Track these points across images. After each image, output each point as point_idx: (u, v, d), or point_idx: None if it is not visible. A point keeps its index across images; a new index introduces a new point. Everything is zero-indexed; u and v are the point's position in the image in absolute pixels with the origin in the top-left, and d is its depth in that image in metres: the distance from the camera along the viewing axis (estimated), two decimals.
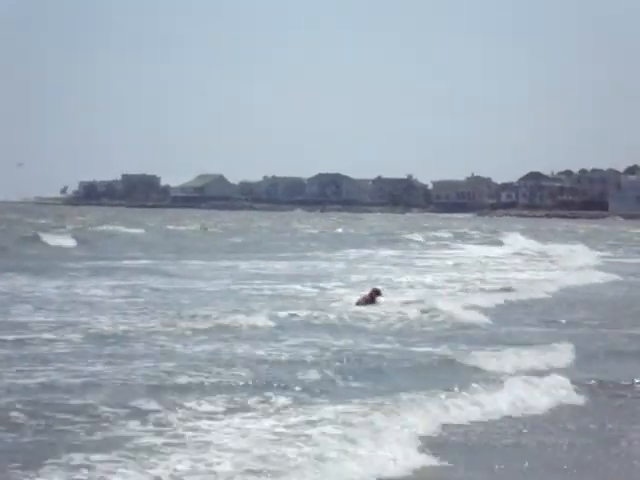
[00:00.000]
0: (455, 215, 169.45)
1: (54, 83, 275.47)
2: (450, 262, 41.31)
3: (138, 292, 24.62)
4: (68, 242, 46.55)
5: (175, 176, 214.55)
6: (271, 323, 18.78)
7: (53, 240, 46.64)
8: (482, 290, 27.79)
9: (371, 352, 15.77)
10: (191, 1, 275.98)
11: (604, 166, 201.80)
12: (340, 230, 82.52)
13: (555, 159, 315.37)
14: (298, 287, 27.30)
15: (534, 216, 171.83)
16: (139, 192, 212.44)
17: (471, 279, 31.64)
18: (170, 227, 75.24)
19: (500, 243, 62.55)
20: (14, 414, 10.69)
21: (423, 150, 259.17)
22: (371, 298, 22.73)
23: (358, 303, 22.55)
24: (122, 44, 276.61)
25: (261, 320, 18.92)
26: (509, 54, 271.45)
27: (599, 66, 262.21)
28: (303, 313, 20.36)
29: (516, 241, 63.34)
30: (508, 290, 27.47)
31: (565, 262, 42.84)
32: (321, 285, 28.04)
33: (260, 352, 15.32)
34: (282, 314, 20.04)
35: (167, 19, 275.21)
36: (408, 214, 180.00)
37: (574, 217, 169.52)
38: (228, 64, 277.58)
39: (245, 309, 20.94)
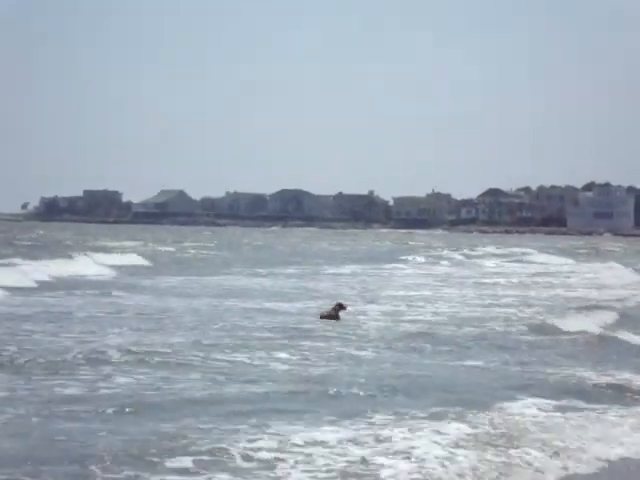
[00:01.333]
0: (416, 231, 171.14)
1: (12, 97, 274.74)
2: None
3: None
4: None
5: (137, 192, 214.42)
6: None
7: None
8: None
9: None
10: (142, 24, 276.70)
11: (562, 183, 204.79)
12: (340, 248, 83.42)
13: (514, 176, 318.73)
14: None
15: (494, 232, 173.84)
16: (101, 208, 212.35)
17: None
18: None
19: (529, 261, 63.48)
20: None
21: (384, 166, 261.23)
22: (335, 312, 23.16)
23: (322, 316, 23.21)
24: (81, 58, 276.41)
25: None
26: (468, 71, 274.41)
27: (557, 82, 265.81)
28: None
29: (547, 258, 65.28)
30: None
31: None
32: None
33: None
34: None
35: (125, 39, 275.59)
36: (369, 230, 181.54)
37: (533, 233, 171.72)
38: (188, 79, 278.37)
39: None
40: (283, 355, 16.81)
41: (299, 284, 36.73)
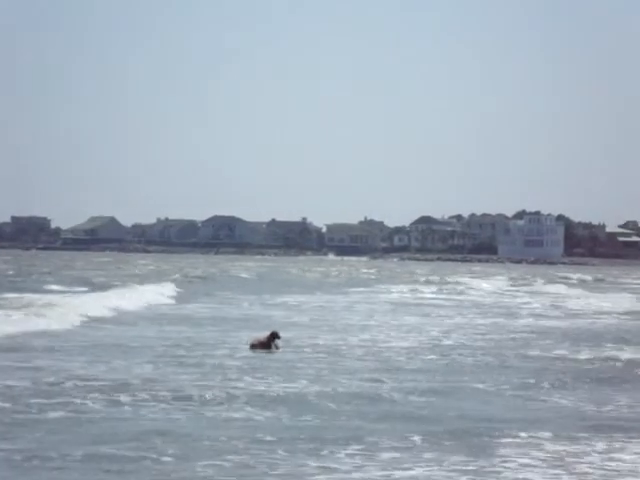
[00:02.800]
0: (349, 258, 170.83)
1: None
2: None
3: None
4: None
5: (66, 218, 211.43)
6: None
7: None
8: None
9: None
10: (82, 47, 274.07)
11: (493, 211, 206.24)
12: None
13: (446, 204, 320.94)
14: None
15: (426, 259, 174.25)
16: (28, 234, 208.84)
17: None
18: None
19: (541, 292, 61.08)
20: None
21: (318, 193, 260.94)
22: (267, 342, 22.01)
23: (253, 346, 21.93)
24: (16, 83, 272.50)
25: None
26: (397, 102, 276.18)
27: (486, 112, 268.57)
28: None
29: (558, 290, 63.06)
30: None
31: None
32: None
33: None
34: None
35: (60, 64, 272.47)
36: (301, 257, 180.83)
37: (465, 261, 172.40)
38: (116, 104, 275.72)
39: None
40: None
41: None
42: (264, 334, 22.54)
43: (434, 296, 52.03)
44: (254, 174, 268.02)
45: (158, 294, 42.81)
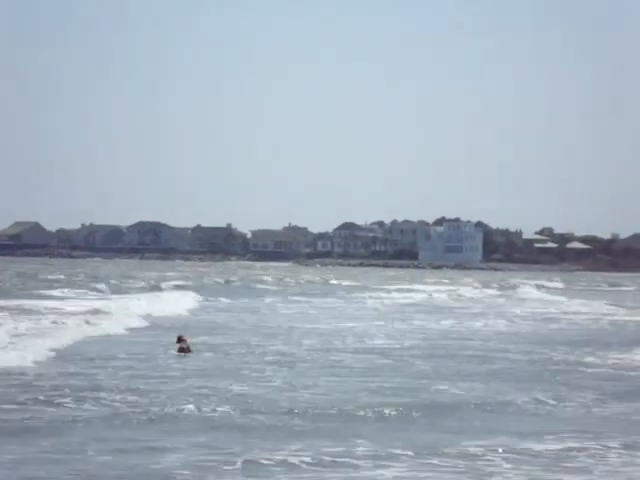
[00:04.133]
0: (272, 263, 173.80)
1: None
2: None
3: None
4: None
5: None
6: None
7: None
8: None
9: None
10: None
11: (414, 218, 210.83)
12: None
13: (369, 210, 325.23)
14: None
15: (349, 265, 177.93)
16: None
17: None
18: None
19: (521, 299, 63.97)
20: None
21: (242, 199, 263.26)
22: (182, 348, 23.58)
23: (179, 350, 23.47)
24: None
25: None
26: (320, 108, 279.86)
27: (408, 119, 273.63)
28: None
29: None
30: None
31: None
32: None
33: None
34: None
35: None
36: (227, 262, 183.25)
37: (387, 266, 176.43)
38: (45, 106, 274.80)
39: None
40: None
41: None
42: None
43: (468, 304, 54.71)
44: (179, 179, 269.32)
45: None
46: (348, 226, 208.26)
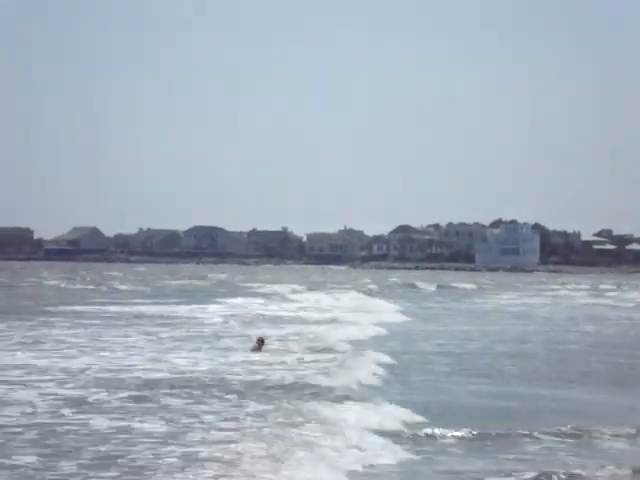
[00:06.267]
0: (330, 266, 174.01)
1: None
2: None
3: None
4: None
5: (49, 229, 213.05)
6: None
7: None
8: None
9: None
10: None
11: (470, 220, 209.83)
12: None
13: (424, 213, 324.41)
14: None
15: (405, 268, 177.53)
16: (11, 245, 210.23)
17: None
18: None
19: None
20: None
21: (298, 203, 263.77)
22: (258, 345, 24.95)
23: (253, 349, 24.79)
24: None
25: None
26: (372, 111, 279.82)
27: (461, 120, 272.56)
28: None
29: None
30: None
31: None
32: None
33: None
34: None
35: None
36: (284, 265, 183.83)
37: (443, 269, 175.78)
38: (95, 111, 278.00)
39: None
40: None
41: None
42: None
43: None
44: (235, 183, 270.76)
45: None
46: (403, 229, 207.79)
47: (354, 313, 41.67)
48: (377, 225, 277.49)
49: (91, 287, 67.01)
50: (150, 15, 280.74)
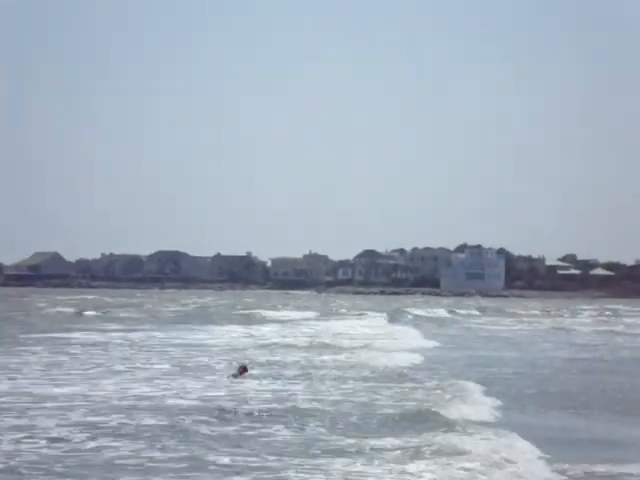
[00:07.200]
0: (294, 292, 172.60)
1: None
2: None
3: None
4: None
5: (9, 254, 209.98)
6: None
7: None
8: None
9: None
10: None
11: (435, 244, 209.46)
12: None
13: (389, 237, 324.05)
14: None
15: (370, 292, 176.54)
16: None
17: None
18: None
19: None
20: None
21: (262, 227, 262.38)
22: (239, 373, 24.89)
23: (234, 375, 24.62)
24: None
25: None
26: (338, 135, 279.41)
27: (427, 146, 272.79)
28: None
29: None
30: None
31: None
32: None
33: None
34: None
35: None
36: (248, 290, 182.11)
37: (408, 294, 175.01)
38: (68, 137, 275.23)
39: None
40: None
41: None
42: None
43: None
44: (198, 208, 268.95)
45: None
46: (369, 253, 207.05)
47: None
48: (342, 250, 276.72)
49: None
50: (150, 16, 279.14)
